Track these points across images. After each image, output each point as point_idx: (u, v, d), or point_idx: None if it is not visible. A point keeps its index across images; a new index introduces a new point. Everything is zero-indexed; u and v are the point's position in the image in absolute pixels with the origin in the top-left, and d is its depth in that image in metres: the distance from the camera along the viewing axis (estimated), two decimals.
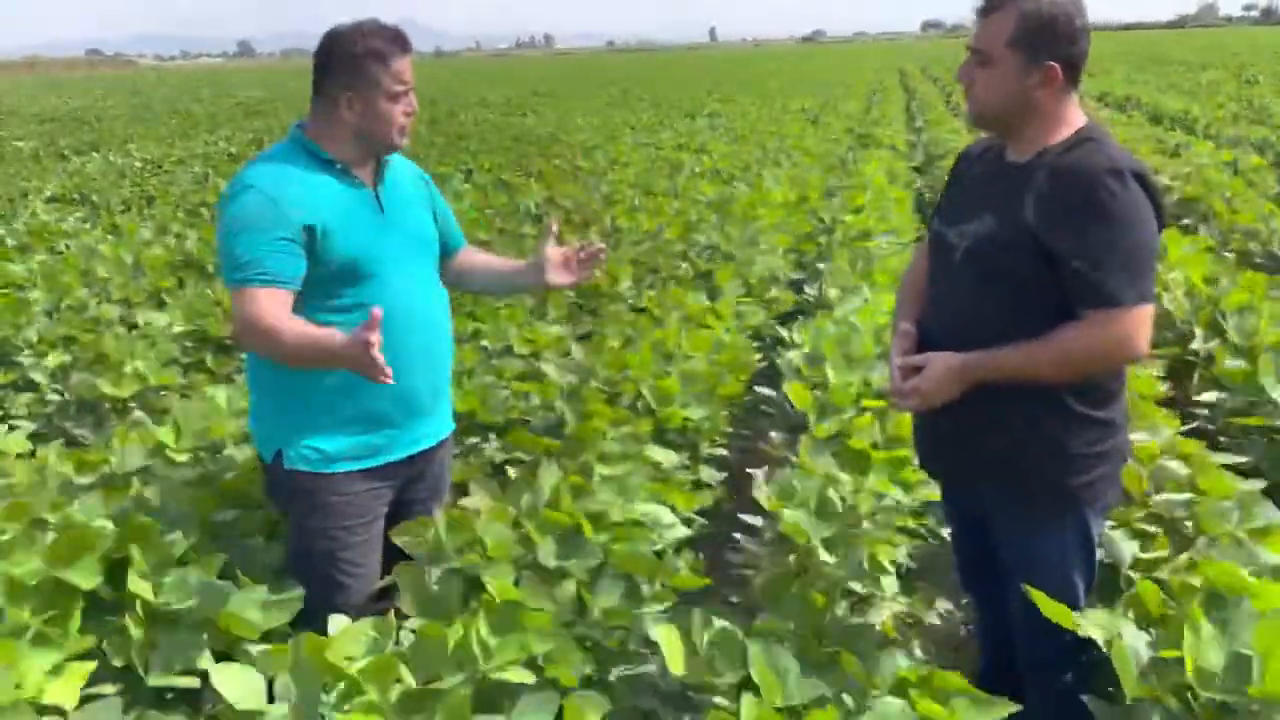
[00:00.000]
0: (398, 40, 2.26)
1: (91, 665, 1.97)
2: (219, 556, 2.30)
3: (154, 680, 2.03)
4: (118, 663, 2.07)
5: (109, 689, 2.02)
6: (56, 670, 1.93)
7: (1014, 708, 1.85)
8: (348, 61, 2.24)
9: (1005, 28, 2.00)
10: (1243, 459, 3.03)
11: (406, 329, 2.32)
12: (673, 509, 2.74)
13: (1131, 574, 2.41)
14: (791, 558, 2.55)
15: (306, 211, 2.21)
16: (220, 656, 2.11)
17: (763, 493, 2.63)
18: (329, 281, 2.26)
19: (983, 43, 2.04)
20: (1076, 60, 2.03)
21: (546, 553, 2.29)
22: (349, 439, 2.33)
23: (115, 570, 2.23)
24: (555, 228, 2.58)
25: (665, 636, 1.95)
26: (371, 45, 2.23)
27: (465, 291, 2.84)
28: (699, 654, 1.96)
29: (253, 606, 2.17)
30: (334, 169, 2.30)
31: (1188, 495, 2.58)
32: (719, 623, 2.00)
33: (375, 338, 1.96)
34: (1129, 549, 2.43)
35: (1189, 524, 2.50)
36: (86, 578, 2.13)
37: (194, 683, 2.05)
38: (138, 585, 2.13)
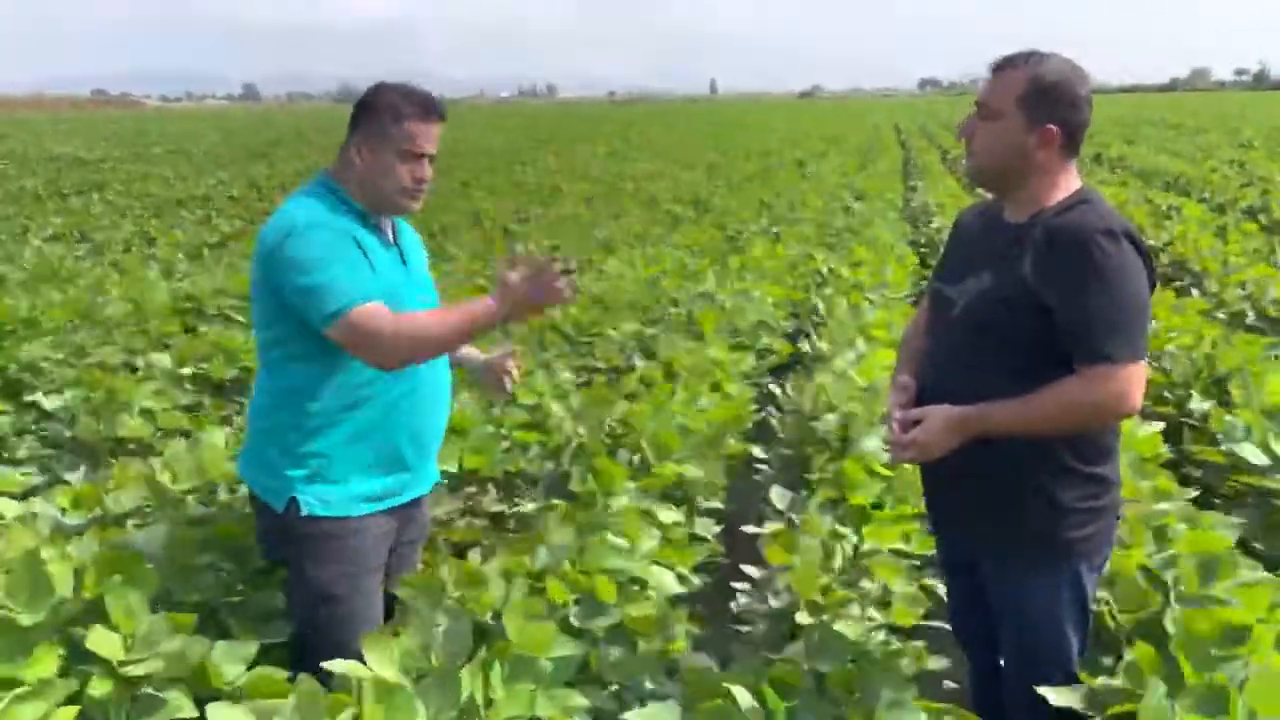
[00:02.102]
0: (420, 104, 2.30)
1: (74, 710, 1.94)
2: (191, 615, 2.26)
3: None
4: (97, 716, 2.05)
5: None
6: None
7: None
8: (367, 112, 2.31)
9: (1016, 85, 2.06)
10: (1238, 520, 3.05)
11: (430, 376, 2.40)
12: (672, 566, 2.75)
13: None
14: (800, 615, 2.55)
15: (364, 248, 2.28)
16: (201, 704, 2.09)
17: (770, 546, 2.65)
18: None
19: (991, 97, 2.09)
20: (1076, 127, 2.09)
21: (572, 613, 2.30)
22: (369, 482, 2.34)
23: (95, 611, 2.20)
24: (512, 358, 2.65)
25: None
26: (391, 101, 2.29)
27: None
28: None
29: (235, 662, 2.13)
30: (366, 220, 2.35)
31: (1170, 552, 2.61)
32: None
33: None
34: None
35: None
36: (36, 617, 2.08)
37: None
38: (104, 645, 2.07)
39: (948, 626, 2.61)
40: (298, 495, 2.30)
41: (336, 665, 2.04)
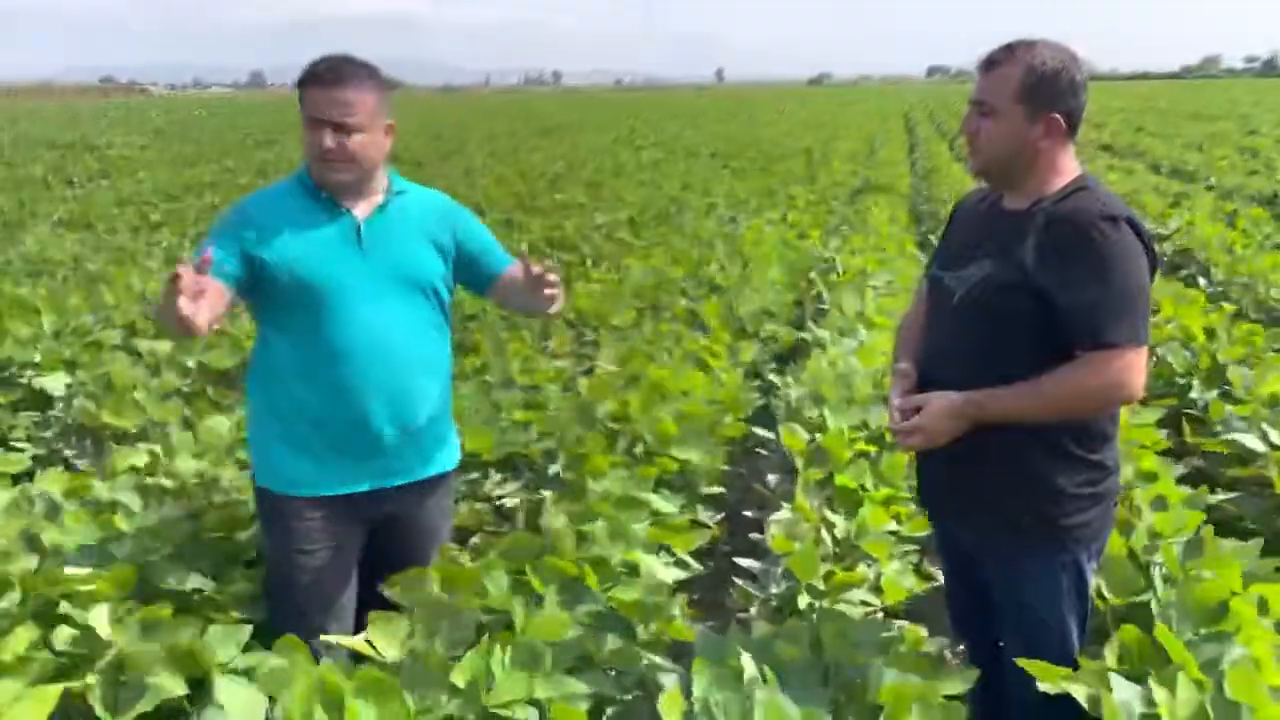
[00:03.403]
0: (316, 70, 2.29)
1: (58, 689, 1.95)
2: (168, 606, 2.29)
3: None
4: (91, 700, 2.05)
5: None
6: (19, 698, 1.91)
7: None
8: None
9: (1011, 81, 2.06)
10: (1233, 496, 3.06)
11: (367, 363, 2.34)
12: (670, 550, 2.75)
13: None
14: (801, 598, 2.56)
15: (263, 228, 2.30)
16: (194, 685, 2.11)
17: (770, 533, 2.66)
18: (288, 304, 2.32)
19: (988, 95, 2.09)
20: (1076, 112, 2.09)
21: (551, 603, 2.29)
22: (301, 464, 2.36)
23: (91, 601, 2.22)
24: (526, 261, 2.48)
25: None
26: (302, 73, 2.31)
27: (507, 309, 2.91)
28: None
29: (230, 645, 2.14)
30: (318, 197, 2.34)
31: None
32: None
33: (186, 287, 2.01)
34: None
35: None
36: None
37: None
38: (103, 625, 2.11)
39: (943, 605, 2.62)
40: (255, 465, 2.43)
41: (341, 639, 2.09)
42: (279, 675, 1.91)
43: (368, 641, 2.11)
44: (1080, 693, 1.93)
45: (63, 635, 2.09)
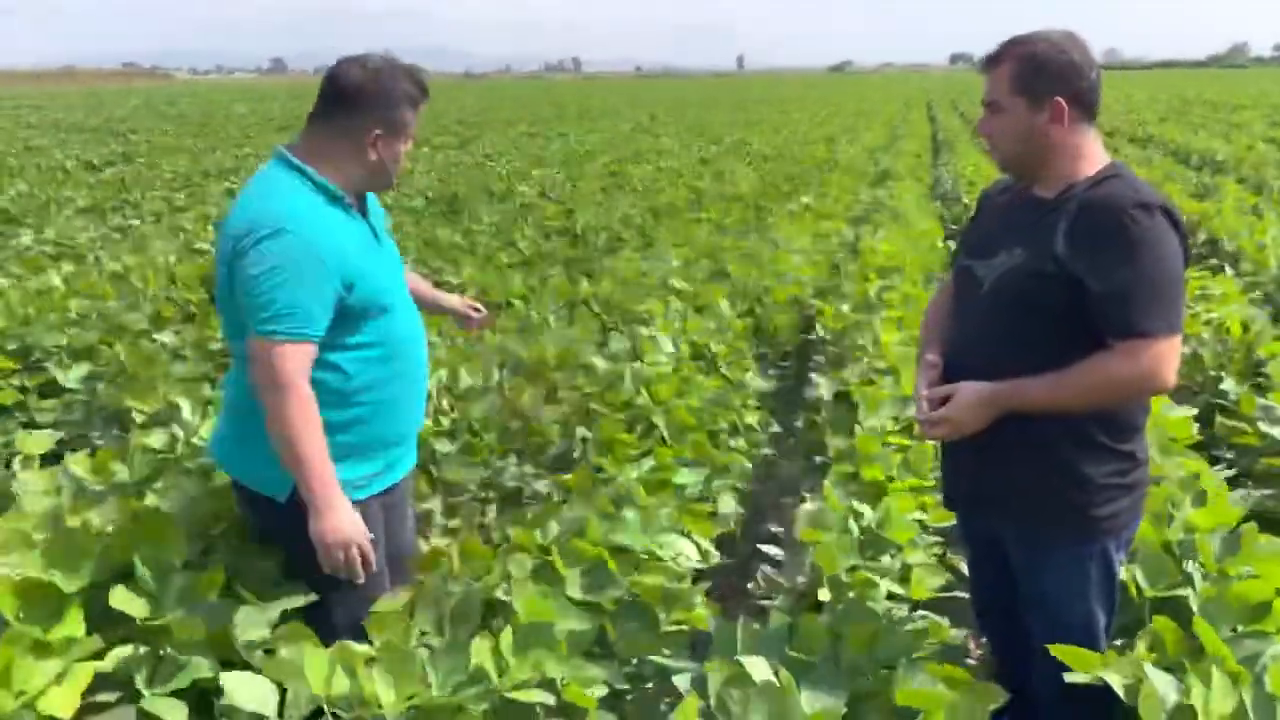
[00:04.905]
0: (425, 89, 2.28)
1: (94, 665, 1.95)
2: (220, 570, 2.28)
3: (154, 695, 2.00)
4: (126, 675, 2.06)
5: (110, 697, 2.01)
6: (58, 679, 1.91)
7: None
8: (385, 100, 2.19)
9: (1006, 74, 2.08)
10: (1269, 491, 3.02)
11: (415, 357, 2.36)
12: (690, 536, 2.73)
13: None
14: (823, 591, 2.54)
15: (342, 258, 2.14)
16: (225, 665, 2.11)
17: (798, 523, 2.64)
18: (354, 319, 2.20)
19: (992, 94, 2.12)
20: (1084, 93, 2.07)
21: (573, 585, 2.28)
22: (366, 466, 2.29)
23: (124, 577, 2.21)
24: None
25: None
26: (410, 90, 2.22)
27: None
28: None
29: (259, 625, 2.14)
30: (341, 203, 2.24)
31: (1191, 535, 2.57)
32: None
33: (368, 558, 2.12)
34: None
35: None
36: (76, 582, 2.10)
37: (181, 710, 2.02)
38: (128, 603, 2.09)
39: (968, 598, 2.59)
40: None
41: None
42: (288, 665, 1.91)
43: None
44: (1116, 681, 1.91)
45: (108, 613, 2.10)
